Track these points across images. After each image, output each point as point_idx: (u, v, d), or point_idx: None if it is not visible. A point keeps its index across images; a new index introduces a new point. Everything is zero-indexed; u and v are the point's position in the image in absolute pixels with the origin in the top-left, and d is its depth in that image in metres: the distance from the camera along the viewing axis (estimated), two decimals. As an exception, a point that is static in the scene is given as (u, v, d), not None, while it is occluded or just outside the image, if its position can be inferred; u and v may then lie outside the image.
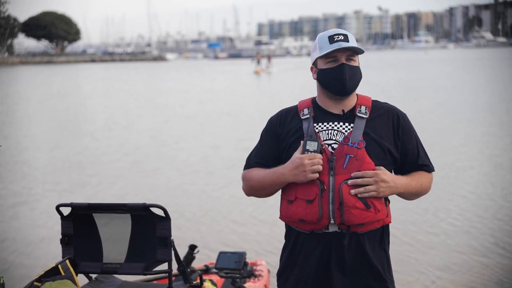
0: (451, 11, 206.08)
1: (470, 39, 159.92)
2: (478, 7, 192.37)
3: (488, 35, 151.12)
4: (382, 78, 37.83)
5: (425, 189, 2.82)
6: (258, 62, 51.92)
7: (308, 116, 2.76)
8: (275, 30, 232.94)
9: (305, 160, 2.62)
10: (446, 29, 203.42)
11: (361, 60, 2.83)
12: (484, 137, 14.56)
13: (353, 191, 2.60)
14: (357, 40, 2.86)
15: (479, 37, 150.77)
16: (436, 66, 54.71)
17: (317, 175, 2.63)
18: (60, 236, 3.38)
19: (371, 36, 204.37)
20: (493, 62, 56.75)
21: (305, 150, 2.64)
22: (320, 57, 2.74)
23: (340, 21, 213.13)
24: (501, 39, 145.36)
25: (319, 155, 2.63)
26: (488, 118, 18.01)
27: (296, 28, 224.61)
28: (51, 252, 7.02)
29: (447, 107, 21.41)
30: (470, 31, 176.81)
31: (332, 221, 2.63)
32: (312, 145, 2.64)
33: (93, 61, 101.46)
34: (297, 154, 2.68)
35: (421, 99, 24.08)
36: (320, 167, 2.63)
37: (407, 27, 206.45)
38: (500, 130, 15.66)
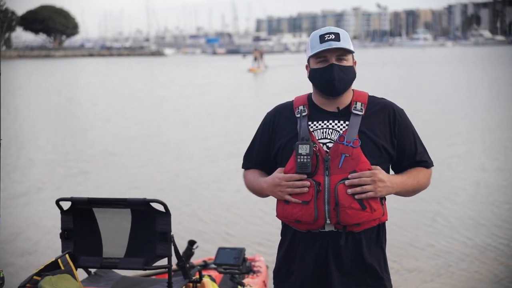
0: (449, 9, 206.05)
1: (468, 37, 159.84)
2: (477, 5, 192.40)
3: (487, 33, 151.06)
4: (378, 75, 37.83)
5: (422, 186, 2.81)
6: (255, 59, 47.86)
7: (303, 114, 2.74)
8: (273, 26, 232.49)
9: (283, 182, 2.64)
10: (445, 27, 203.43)
11: (359, 57, 2.79)
12: (483, 132, 14.60)
13: (350, 191, 2.59)
14: (355, 37, 2.82)
15: (477, 35, 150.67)
16: (433, 63, 54.70)
17: (292, 199, 2.63)
18: (60, 231, 3.38)
19: (369, 33, 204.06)
20: (492, 60, 56.76)
21: (298, 155, 2.63)
22: (312, 57, 2.72)
23: (339, 17, 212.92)
24: (499, 37, 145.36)
25: (303, 183, 2.61)
26: (486, 115, 18.03)
27: (294, 25, 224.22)
28: (51, 247, 7.01)
29: (443, 104, 21.43)
30: (469, 29, 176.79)
31: (328, 221, 2.63)
32: (304, 149, 2.63)
33: (91, 55, 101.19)
34: (278, 173, 2.70)
35: (418, 96, 24.08)
36: (298, 190, 2.62)
37: (405, 24, 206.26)
38: (496, 126, 15.69)
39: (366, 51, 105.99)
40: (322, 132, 2.70)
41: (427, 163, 2.81)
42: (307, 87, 2.87)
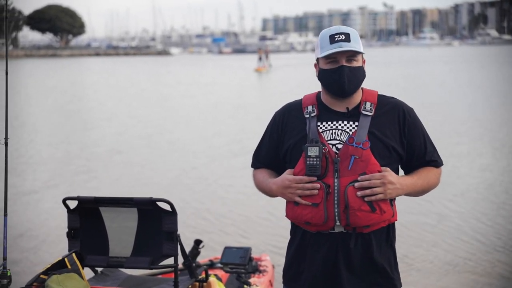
0: (456, 8, 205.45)
1: (475, 37, 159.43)
2: (484, 4, 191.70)
3: (494, 33, 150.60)
4: (384, 74, 37.76)
5: (432, 185, 2.80)
6: (260, 58, 47.66)
7: (312, 114, 2.72)
8: (279, 26, 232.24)
9: (293, 184, 2.64)
10: (451, 26, 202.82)
11: (365, 56, 2.76)
12: (486, 131, 14.56)
13: (359, 193, 2.58)
14: (361, 37, 2.80)
15: (484, 34, 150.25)
16: (439, 63, 54.54)
17: (302, 201, 2.63)
18: (67, 230, 3.39)
19: (376, 33, 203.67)
20: (498, 60, 56.55)
21: (307, 157, 2.62)
22: (321, 57, 2.71)
23: (345, 17, 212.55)
24: (507, 37, 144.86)
25: (313, 185, 2.60)
26: (490, 116, 17.98)
27: (300, 24, 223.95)
28: (58, 246, 7.03)
29: (449, 103, 21.37)
30: (476, 28, 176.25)
31: (338, 223, 2.63)
32: (313, 151, 2.61)
33: (97, 54, 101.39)
34: (287, 174, 2.69)
35: (424, 95, 24.02)
36: (308, 193, 2.62)
37: (412, 23, 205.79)
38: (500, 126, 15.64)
39: (373, 50, 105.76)
40: (331, 133, 2.69)
41: (436, 163, 2.80)
42: (313, 88, 2.86)
